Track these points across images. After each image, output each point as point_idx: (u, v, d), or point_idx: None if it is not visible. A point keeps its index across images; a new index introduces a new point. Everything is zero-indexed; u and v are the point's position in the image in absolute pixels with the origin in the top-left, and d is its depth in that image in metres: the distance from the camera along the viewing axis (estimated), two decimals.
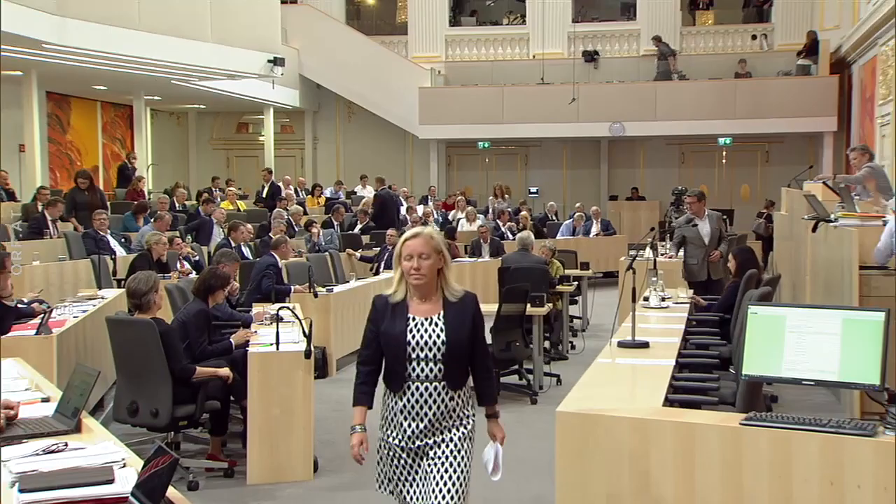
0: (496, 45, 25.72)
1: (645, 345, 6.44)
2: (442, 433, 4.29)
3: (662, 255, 11.69)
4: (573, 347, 12.41)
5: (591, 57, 24.42)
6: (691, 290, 10.48)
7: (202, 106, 24.72)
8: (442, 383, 4.26)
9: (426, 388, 4.26)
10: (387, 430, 4.36)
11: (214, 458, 7.34)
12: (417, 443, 4.28)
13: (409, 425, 4.28)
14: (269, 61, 20.53)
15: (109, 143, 23.07)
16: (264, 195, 20.21)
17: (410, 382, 4.27)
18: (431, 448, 4.28)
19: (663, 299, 9.13)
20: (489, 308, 9.97)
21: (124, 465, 3.71)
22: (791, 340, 4.21)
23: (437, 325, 4.28)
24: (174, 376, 6.83)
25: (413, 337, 4.26)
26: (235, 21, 19.34)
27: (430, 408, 4.27)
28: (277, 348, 7.16)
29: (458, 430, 4.32)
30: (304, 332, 7.16)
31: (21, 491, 3.41)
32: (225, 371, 7.19)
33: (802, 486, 3.97)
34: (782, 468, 4.01)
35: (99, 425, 4.50)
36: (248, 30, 19.81)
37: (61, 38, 15.60)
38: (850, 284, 8.23)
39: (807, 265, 10.66)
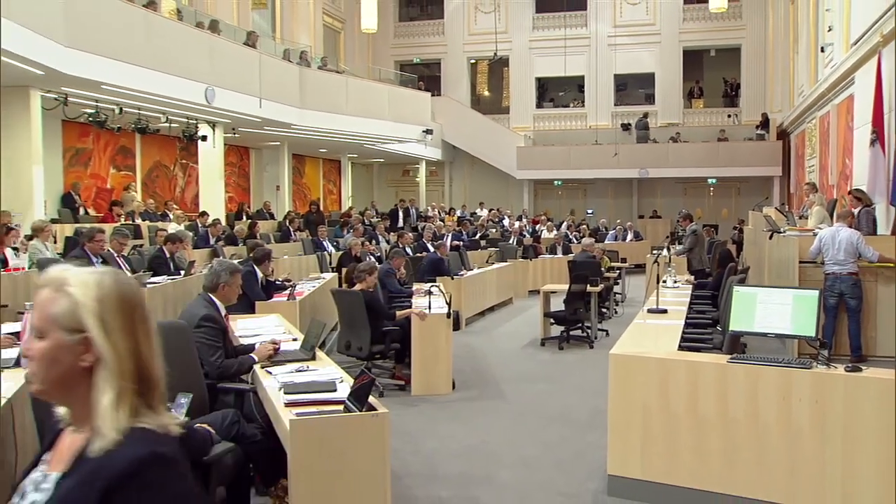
0: (566, 119, 25.37)
1: (664, 311, 6.32)
2: None
3: (674, 253, 11.55)
4: (617, 312, 12.22)
5: (626, 127, 23.94)
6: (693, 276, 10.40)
7: (382, 159, 24.97)
8: None
9: None
10: None
11: (395, 378, 7.44)
12: None
13: None
14: (423, 131, 20.77)
15: (327, 184, 23.57)
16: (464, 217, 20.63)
17: None
18: None
19: (675, 281, 9.02)
20: (562, 287, 9.90)
21: (342, 381, 3.81)
22: (760, 308, 4.18)
23: (46, 493, 1.19)
24: (375, 325, 6.98)
25: None
26: (403, 106, 19.72)
27: None
28: (429, 311, 7.19)
29: None
30: (446, 301, 7.23)
31: (285, 393, 3.57)
32: (417, 311, 7.14)
33: (765, 400, 3.92)
34: (752, 390, 3.96)
35: (326, 356, 4.62)
36: (411, 111, 20.17)
37: (301, 122, 16.28)
38: (793, 273, 8.15)
39: (766, 261, 10.35)
